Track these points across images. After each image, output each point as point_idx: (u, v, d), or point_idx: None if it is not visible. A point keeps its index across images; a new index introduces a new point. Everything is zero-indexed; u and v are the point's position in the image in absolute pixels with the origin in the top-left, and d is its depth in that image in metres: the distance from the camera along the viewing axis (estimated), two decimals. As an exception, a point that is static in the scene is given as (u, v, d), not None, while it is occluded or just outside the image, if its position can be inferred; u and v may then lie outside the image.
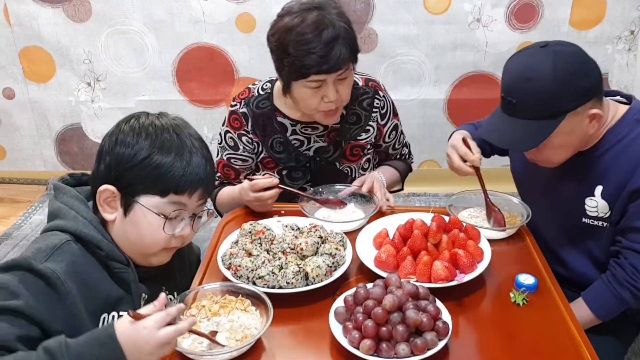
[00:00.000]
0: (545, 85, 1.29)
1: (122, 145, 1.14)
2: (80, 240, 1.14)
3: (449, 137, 1.66)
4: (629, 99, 1.47)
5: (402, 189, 1.97)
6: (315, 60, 1.47)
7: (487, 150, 1.75)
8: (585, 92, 1.31)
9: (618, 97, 1.48)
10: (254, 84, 1.76)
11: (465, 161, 1.55)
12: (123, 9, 2.82)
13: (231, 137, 1.74)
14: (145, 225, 1.17)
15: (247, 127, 1.72)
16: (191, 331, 1.09)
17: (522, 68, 1.33)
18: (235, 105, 1.73)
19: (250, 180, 1.57)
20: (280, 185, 1.58)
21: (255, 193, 1.56)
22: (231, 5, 2.80)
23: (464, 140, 1.57)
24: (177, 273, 1.35)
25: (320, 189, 1.67)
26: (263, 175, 1.77)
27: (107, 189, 1.15)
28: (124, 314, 1.16)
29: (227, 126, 1.74)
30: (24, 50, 2.94)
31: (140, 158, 1.13)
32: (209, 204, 1.84)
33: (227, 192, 1.73)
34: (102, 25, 2.86)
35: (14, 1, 2.83)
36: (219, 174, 1.79)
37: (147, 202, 1.15)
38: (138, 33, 2.88)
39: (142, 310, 1.02)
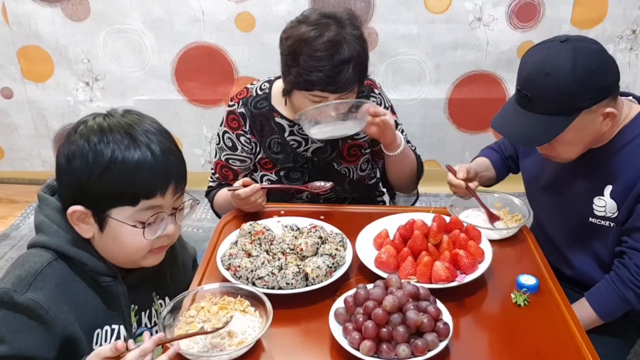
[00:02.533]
0: (563, 82, 1.28)
1: (76, 159, 1.07)
2: (63, 257, 1.10)
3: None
4: None
5: (417, 197, 1.93)
6: (322, 79, 1.48)
7: (513, 167, 1.77)
8: (602, 91, 1.30)
9: (630, 98, 1.47)
10: (252, 84, 1.76)
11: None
12: (122, 8, 2.81)
13: (229, 138, 1.73)
14: (125, 237, 1.11)
15: (245, 127, 1.71)
16: (177, 338, 1.07)
17: (540, 62, 1.32)
18: (233, 105, 1.72)
19: (232, 190, 1.56)
20: (262, 186, 1.58)
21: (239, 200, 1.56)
22: (230, 4, 2.79)
23: (449, 168, 1.59)
24: (168, 277, 1.32)
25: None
26: (259, 176, 1.76)
27: (75, 210, 1.09)
28: (116, 327, 1.17)
29: (225, 126, 1.74)
30: (22, 50, 2.94)
31: (99, 172, 1.05)
32: (204, 201, 1.83)
33: (223, 195, 1.72)
34: (101, 24, 2.85)
35: (12, 0, 2.82)
36: (217, 175, 1.78)
37: (120, 215, 1.09)
38: (137, 32, 2.87)
39: (104, 350, 0.98)
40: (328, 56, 1.47)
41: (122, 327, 1.18)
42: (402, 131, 1.83)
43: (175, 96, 3.00)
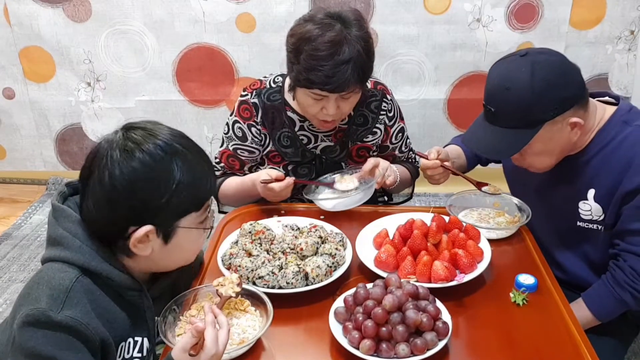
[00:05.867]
0: (522, 95, 1.30)
1: (139, 182, 1.05)
2: (87, 273, 1.08)
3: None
4: (617, 99, 1.47)
5: (410, 197, 1.96)
6: (321, 78, 1.48)
7: (483, 158, 1.79)
8: (563, 102, 1.32)
9: (607, 98, 1.48)
10: (265, 77, 1.77)
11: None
12: (123, 9, 2.82)
13: (240, 127, 1.73)
14: (189, 243, 1.15)
15: (257, 118, 1.72)
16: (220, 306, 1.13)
17: (501, 77, 1.35)
18: (246, 95, 1.73)
19: (264, 182, 1.56)
20: (296, 181, 1.59)
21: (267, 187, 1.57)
22: (231, 5, 2.80)
23: (418, 155, 1.64)
24: (182, 284, 1.31)
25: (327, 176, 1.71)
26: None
27: (146, 232, 1.07)
28: (139, 338, 1.16)
29: (235, 116, 1.74)
30: (24, 50, 2.94)
31: (171, 190, 1.06)
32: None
33: (234, 183, 1.71)
34: (102, 25, 2.86)
35: (14, 1, 2.83)
36: (222, 164, 1.78)
37: (188, 222, 1.12)
38: (138, 33, 2.88)
39: (186, 341, 1.01)
40: (328, 56, 1.48)
41: (145, 339, 1.17)
42: (408, 137, 1.85)
43: (176, 97, 3.01)
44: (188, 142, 1.14)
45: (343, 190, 1.63)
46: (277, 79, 1.74)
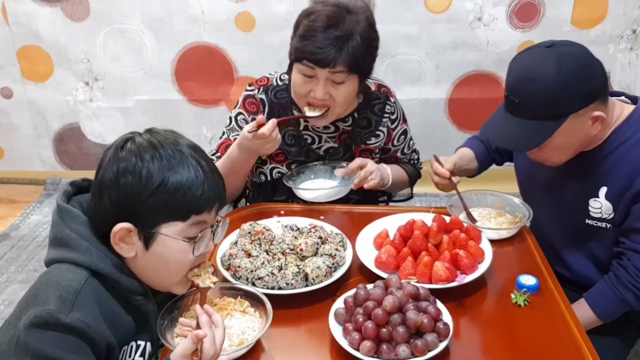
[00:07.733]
0: (548, 87, 1.28)
1: (128, 175, 1.04)
2: (96, 275, 1.07)
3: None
4: (634, 100, 1.46)
5: (411, 197, 1.96)
6: (309, 48, 1.50)
7: (498, 159, 1.78)
8: (589, 95, 1.31)
9: (623, 98, 1.47)
10: (270, 74, 1.77)
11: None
12: (121, 8, 2.81)
13: (244, 119, 1.72)
14: (172, 254, 1.09)
15: (264, 114, 1.71)
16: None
17: (526, 68, 1.34)
18: (253, 90, 1.73)
19: (252, 132, 1.52)
20: (279, 120, 1.56)
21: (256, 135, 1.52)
22: (230, 4, 2.79)
23: (435, 158, 1.62)
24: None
25: (316, 164, 1.73)
26: (269, 168, 1.76)
27: (122, 228, 1.05)
28: (142, 343, 1.15)
29: (240, 108, 1.73)
30: (22, 50, 2.94)
31: (153, 187, 1.03)
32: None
33: (220, 163, 1.65)
34: (101, 24, 2.85)
35: (11, 0, 2.82)
36: (218, 154, 1.74)
37: (170, 231, 1.07)
38: (136, 32, 2.87)
39: (186, 347, 1.01)
40: (322, 28, 1.50)
41: (148, 343, 1.16)
42: (411, 138, 1.85)
43: (175, 96, 3.00)
44: (195, 153, 1.10)
45: (311, 116, 1.63)
46: (283, 76, 1.74)
